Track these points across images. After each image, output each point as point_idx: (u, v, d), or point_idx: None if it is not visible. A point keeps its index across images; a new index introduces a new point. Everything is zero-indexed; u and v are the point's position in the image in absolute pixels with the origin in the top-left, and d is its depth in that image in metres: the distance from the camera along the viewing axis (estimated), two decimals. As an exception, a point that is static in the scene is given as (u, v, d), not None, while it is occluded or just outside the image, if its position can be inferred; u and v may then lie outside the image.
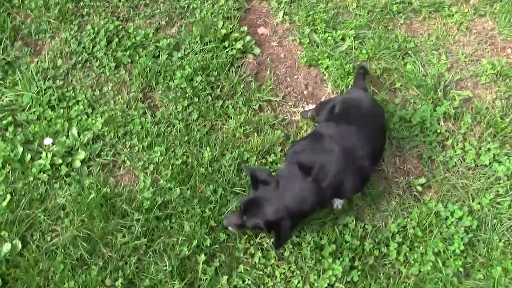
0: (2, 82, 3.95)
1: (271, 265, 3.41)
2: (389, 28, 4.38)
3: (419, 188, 3.71)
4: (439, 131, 3.89)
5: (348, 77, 4.05)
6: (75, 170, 3.65)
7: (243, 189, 3.61)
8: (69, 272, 3.30)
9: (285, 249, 3.45)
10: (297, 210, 3.11)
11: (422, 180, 3.73)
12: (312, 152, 3.28)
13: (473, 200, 3.67)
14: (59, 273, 3.29)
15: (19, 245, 3.37)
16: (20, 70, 4.00)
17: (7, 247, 3.34)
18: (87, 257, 3.35)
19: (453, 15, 4.44)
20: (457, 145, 3.85)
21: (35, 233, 3.42)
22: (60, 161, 3.64)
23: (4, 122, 3.78)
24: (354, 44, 4.23)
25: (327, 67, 4.14)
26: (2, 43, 4.10)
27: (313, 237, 3.46)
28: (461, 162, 3.81)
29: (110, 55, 4.10)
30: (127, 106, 3.92)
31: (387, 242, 3.51)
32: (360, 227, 3.53)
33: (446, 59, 4.22)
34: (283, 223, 3.05)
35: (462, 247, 3.47)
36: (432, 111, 3.96)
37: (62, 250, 3.37)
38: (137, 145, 3.76)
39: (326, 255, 3.41)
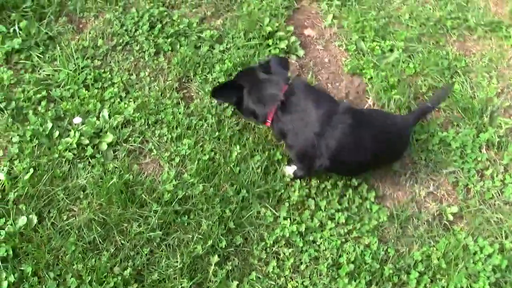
0: (41, 56, 3.93)
1: (284, 277, 3.29)
2: (440, 43, 4.19)
3: (450, 217, 3.52)
4: (479, 159, 3.69)
5: (391, 91, 3.88)
6: (100, 153, 3.61)
7: (268, 193, 3.51)
8: (80, 255, 3.25)
9: (301, 262, 3.33)
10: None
11: (455, 209, 3.54)
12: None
13: (506, 238, 3.46)
14: (70, 254, 3.24)
15: (35, 220, 3.34)
16: (60, 46, 3.97)
17: (22, 220, 3.32)
18: (100, 242, 3.30)
19: (510, 36, 4.22)
20: (496, 176, 3.65)
21: (52, 210, 3.39)
22: (87, 141, 3.61)
23: (38, 96, 3.76)
24: (402, 56, 4.06)
25: (371, 77, 3.99)
26: (47, 18, 4.09)
27: (331, 254, 3.33)
28: (499, 195, 3.61)
29: (151, 41, 4.04)
30: (161, 94, 3.85)
31: (408, 270, 3.34)
32: (383, 250, 3.37)
33: (497, 83, 4.02)
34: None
35: (487, 287, 3.28)
36: (475, 137, 3.77)
37: (76, 231, 3.32)
38: (166, 135, 3.70)
39: (343, 274, 3.27)
